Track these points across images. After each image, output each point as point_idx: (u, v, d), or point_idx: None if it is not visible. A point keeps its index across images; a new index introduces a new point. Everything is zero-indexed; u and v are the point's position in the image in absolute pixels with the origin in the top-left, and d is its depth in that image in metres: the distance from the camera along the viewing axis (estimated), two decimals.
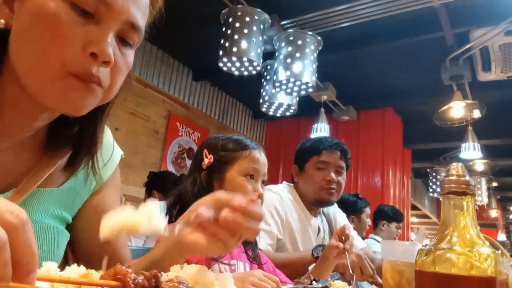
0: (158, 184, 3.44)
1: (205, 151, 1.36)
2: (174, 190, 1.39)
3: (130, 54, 0.71)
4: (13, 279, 0.34)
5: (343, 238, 1.51)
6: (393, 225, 3.95)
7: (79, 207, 0.83)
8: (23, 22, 0.62)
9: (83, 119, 0.75)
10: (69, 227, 0.86)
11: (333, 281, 1.17)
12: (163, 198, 3.19)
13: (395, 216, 4.01)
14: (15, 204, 0.36)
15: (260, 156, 1.38)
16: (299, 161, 2.07)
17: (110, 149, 0.87)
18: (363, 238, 3.94)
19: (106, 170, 0.85)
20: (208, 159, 1.34)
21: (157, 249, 0.78)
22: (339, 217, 2.20)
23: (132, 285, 0.40)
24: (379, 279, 1.55)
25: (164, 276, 0.49)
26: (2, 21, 0.64)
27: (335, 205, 2.22)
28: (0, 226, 0.33)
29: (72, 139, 0.78)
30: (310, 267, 1.52)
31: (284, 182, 2.16)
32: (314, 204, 2.00)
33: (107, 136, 0.87)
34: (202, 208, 0.66)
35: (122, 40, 0.68)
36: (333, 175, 1.95)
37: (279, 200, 1.93)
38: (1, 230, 0.33)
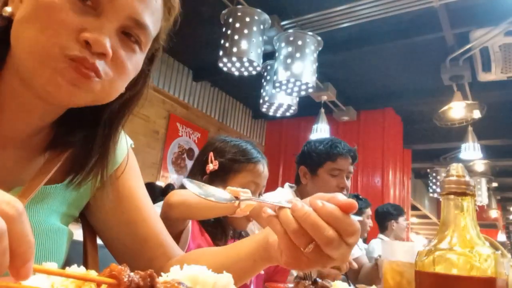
0: None
1: (211, 154, 1.34)
2: (178, 188, 1.38)
3: (138, 56, 0.68)
4: (11, 267, 0.35)
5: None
6: (401, 220, 3.98)
7: (86, 201, 0.82)
8: (25, 8, 0.62)
9: (94, 123, 0.74)
10: (90, 221, 0.86)
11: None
12: None
13: (399, 211, 4.04)
14: (10, 195, 0.36)
15: (263, 170, 1.38)
16: (311, 164, 2.03)
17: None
18: (364, 240, 3.95)
19: (113, 162, 0.82)
20: (213, 165, 1.33)
21: (240, 243, 0.75)
22: None
23: (126, 283, 0.40)
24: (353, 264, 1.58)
25: (164, 277, 0.49)
26: (9, 9, 0.64)
27: None
28: None
29: (80, 144, 0.76)
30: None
31: (286, 185, 2.13)
32: None
33: None
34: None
35: (128, 36, 0.66)
36: (346, 182, 1.98)
37: None
38: (0, 220, 0.33)
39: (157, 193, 3.46)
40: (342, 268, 1.56)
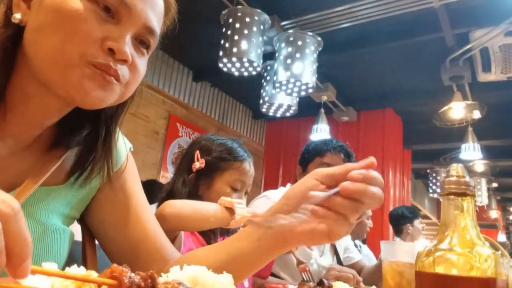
0: (147, 193, 3.49)
1: (197, 153, 1.35)
2: (166, 186, 1.39)
3: (146, 59, 0.73)
4: (8, 266, 0.35)
5: None
6: (417, 223, 3.95)
7: (87, 204, 0.83)
8: (43, 17, 0.63)
9: (94, 122, 0.76)
10: (87, 222, 0.86)
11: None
12: None
13: (414, 214, 4.01)
14: (6, 194, 0.36)
15: (250, 168, 1.39)
16: (303, 162, 2.07)
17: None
18: (364, 240, 3.94)
19: (114, 162, 0.83)
20: (199, 163, 1.34)
21: (239, 240, 0.74)
22: None
23: (127, 284, 0.40)
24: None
25: (164, 277, 0.49)
26: (18, 16, 0.66)
27: None
28: None
29: (81, 143, 0.78)
30: None
31: (288, 185, 2.15)
32: None
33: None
34: (311, 190, 0.61)
35: (139, 42, 0.71)
36: None
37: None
38: None
39: (158, 192, 3.44)
40: (350, 283, 1.57)
